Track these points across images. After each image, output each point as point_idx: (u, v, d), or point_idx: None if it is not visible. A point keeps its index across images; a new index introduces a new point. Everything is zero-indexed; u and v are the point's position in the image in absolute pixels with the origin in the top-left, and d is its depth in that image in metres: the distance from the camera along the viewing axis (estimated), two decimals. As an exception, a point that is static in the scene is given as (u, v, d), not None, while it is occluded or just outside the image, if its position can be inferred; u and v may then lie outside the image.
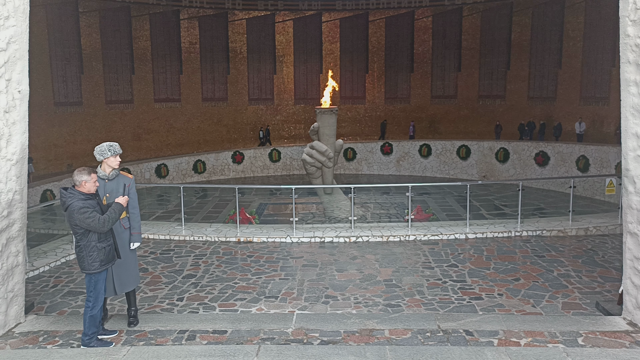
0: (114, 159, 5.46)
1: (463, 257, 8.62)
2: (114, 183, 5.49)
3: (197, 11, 26.18)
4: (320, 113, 13.01)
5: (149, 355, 4.88)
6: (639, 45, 5.15)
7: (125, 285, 5.60)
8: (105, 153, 5.40)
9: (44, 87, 21.40)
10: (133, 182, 5.62)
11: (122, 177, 5.58)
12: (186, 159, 22.57)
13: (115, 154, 5.47)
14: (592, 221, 10.51)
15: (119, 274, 5.50)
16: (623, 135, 5.42)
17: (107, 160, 5.44)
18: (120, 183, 5.52)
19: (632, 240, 5.43)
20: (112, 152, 5.42)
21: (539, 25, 24.04)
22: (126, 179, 5.60)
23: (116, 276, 5.48)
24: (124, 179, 5.58)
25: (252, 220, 12.42)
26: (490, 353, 4.80)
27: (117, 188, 5.49)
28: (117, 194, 5.44)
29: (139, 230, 5.72)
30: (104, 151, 5.40)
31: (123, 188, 5.50)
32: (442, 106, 27.16)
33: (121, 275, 5.54)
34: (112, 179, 5.48)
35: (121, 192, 5.46)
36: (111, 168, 5.47)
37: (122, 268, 5.53)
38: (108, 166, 5.46)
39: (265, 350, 4.92)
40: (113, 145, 5.49)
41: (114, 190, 5.47)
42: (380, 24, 27.51)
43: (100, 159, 5.43)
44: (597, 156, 17.71)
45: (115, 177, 5.51)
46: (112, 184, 5.49)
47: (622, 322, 5.53)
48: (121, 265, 5.50)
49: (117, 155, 5.50)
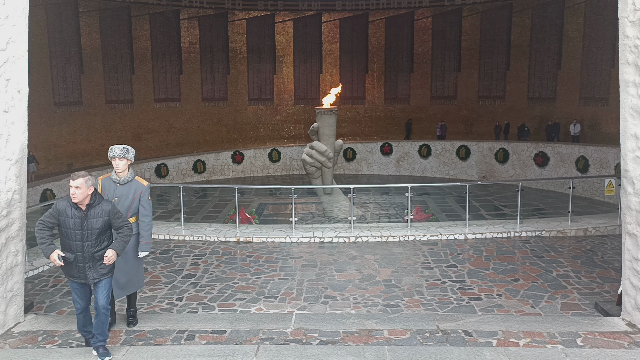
0: (113, 162, 5.26)
1: (462, 258, 8.63)
2: (125, 188, 5.28)
3: (197, 11, 26.18)
4: (320, 113, 13.01)
5: (148, 355, 4.88)
6: (638, 46, 5.15)
7: (123, 290, 5.46)
8: (109, 155, 5.28)
9: (44, 86, 21.39)
10: (146, 190, 5.36)
11: (135, 184, 5.33)
12: (186, 159, 22.56)
13: (111, 158, 5.26)
14: (591, 222, 10.52)
15: (117, 279, 5.32)
16: (622, 136, 5.42)
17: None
18: (131, 189, 5.29)
19: (631, 241, 5.43)
20: (109, 156, 5.26)
21: (538, 26, 24.03)
22: (139, 185, 5.34)
23: (114, 280, 5.28)
24: (136, 185, 5.33)
25: (252, 220, 12.42)
26: (489, 353, 4.81)
27: (127, 194, 5.27)
28: (127, 201, 5.25)
29: (149, 240, 5.49)
30: (109, 153, 5.29)
31: (133, 194, 5.27)
32: (442, 106, 27.16)
33: (119, 279, 5.37)
34: (123, 184, 5.28)
35: (131, 198, 5.25)
36: (121, 171, 5.27)
37: (121, 273, 5.37)
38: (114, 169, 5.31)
39: (264, 351, 4.92)
40: (113, 148, 5.28)
41: (123, 196, 5.26)
42: (380, 25, 27.51)
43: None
44: (597, 157, 17.71)
45: (128, 182, 5.29)
46: (123, 188, 5.28)
47: (621, 322, 5.53)
48: (121, 270, 5.34)
49: (113, 159, 5.25)
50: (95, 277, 4.81)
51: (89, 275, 4.79)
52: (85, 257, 4.75)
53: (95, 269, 4.80)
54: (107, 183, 5.36)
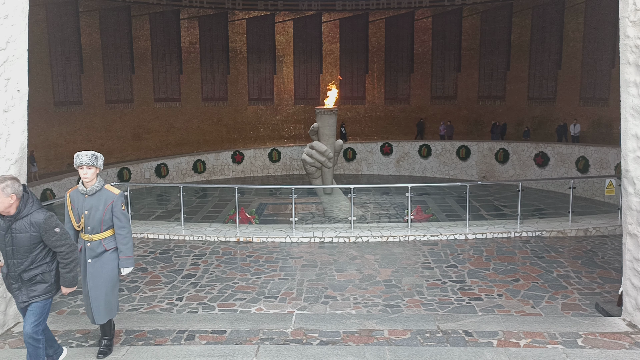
0: (80, 171, 4.65)
1: (462, 258, 8.62)
2: (94, 199, 4.68)
3: (197, 11, 26.18)
4: (320, 113, 13.01)
5: (147, 355, 4.88)
6: (638, 46, 5.14)
7: (96, 315, 4.78)
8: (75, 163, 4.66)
9: (44, 86, 21.40)
10: (119, 199, 4.73)
11: (105, 193, 4.72)
12: (186, 159, 22.58)
13: (77, 166, 4.65)
14: (591, 222, 10.51)
15: (95, 299, 4.76)
16: (623, 137, 5.42)
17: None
18: (101, 200, 4.68)
19: (631, 241, 5.43)
20: (75, 164, 4.66)
21: (538, 26, 24.04)
22: (109, 195, 4.72)
23: (93, 300, 4.76)
24: (106, 194, 4.71)
25: (252, 220, 12.42)
26: (490, 354, 4.80)
27: (97, 205, 4.68)
28: (98, 213, 4.67)
29: (130, 254, 4.80)
30: (75, 160, 4.66)
31: (104, 205, 4.68)
32: (442, 107, 27.16)
33: (91, 304, 4.77)
34: (91, 195, 4.67)
35: (102, 210, 4.67)
36: (88, 180, 4.66)
37: (100, 293, 4.75)
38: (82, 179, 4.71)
39: (264, 351, 4.92)
40: (79, 155, 4.64)
41: (93, 208, 4.67)
42: (380, 25, 27.51)
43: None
44: (597, 157, 17.71)
45: (97, 192, 4.68)
46: (92, 200, 4.68)
47: (621, 323, 5.53)
48: (98, 289, 4.74)
49: (80, 167, 4.63)
50: (24, 300, 4.15)
51: (17, 296, 4.17)
52: (13, 275, 4.13)
53: (25, 290, 4.13)
54: (75, 196, 4.77)
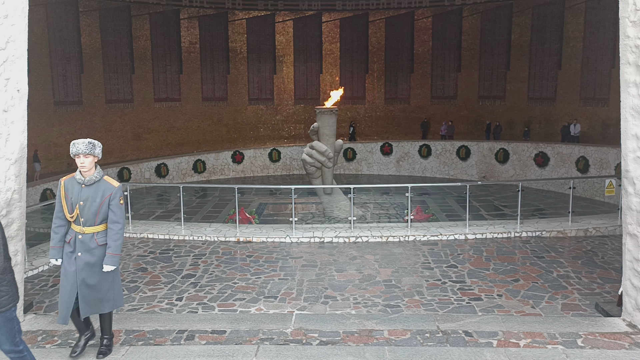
0: (77, 160, 4.50)
1: (462, 258, 8.62)
2: (91, 190, 4.54)
3: (197, 11, 26.18)
4: (320, 113, 13.01)
5: (147, 355, 4.87)
6: (638, 46, 5.14)
7: (92, 307, 4.65)
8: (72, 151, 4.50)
9: (44, 86, 21.40)
10: (117, 192, 4.59)
11: (104, 184, 4.57)
12: (186, 159, 22.57)
13: (74, 155, 4.49)
14: (591, 222, 10.51)
15: (84, 295, 4.60)
16: (623, 137, 5.42)
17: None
18: (99, 191, 4.54)
19: (631, 241, 5.43)
20: (72, 152, 4.50)
21: (538, 26, 24.02)
22: (108, 187, 4.57)
23: (81, 296, 4.59)
24: (105, 186, 4.57)
25: (252, 220, 12.42)
26: (490, 354, 4.80)
27: (94, 197, 4.53)
28: (94, 204, 4.52)
29: (117, 251, 4.62)
30: (71, 149, 4.51)
31: (101, 197, 4.53)
32: (442, 107, 27.16)
33: (87, 296, 4.61)
34: (89, 185, 4.54)
35: (98, 201, 4.52)
36: (86, 170, 4.53)
37: (90, 289, 4.62)
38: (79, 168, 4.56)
39: (264, 351, 4.92)
40: (76, 143, 4.48)
41: (89, 199, 4.52)
42: (380, 25, 27.51)
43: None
44: (597, 157, 17.70)
45: (95, 183, 4.55)
46: (89, 190, 4.54)
47: (621, 323, 5.52)
48: (89, 286, 4.62)
49: (77, 156, 4.47)
50: None
51: None
52: None
53: None
54: (70, 184, 4.61)
